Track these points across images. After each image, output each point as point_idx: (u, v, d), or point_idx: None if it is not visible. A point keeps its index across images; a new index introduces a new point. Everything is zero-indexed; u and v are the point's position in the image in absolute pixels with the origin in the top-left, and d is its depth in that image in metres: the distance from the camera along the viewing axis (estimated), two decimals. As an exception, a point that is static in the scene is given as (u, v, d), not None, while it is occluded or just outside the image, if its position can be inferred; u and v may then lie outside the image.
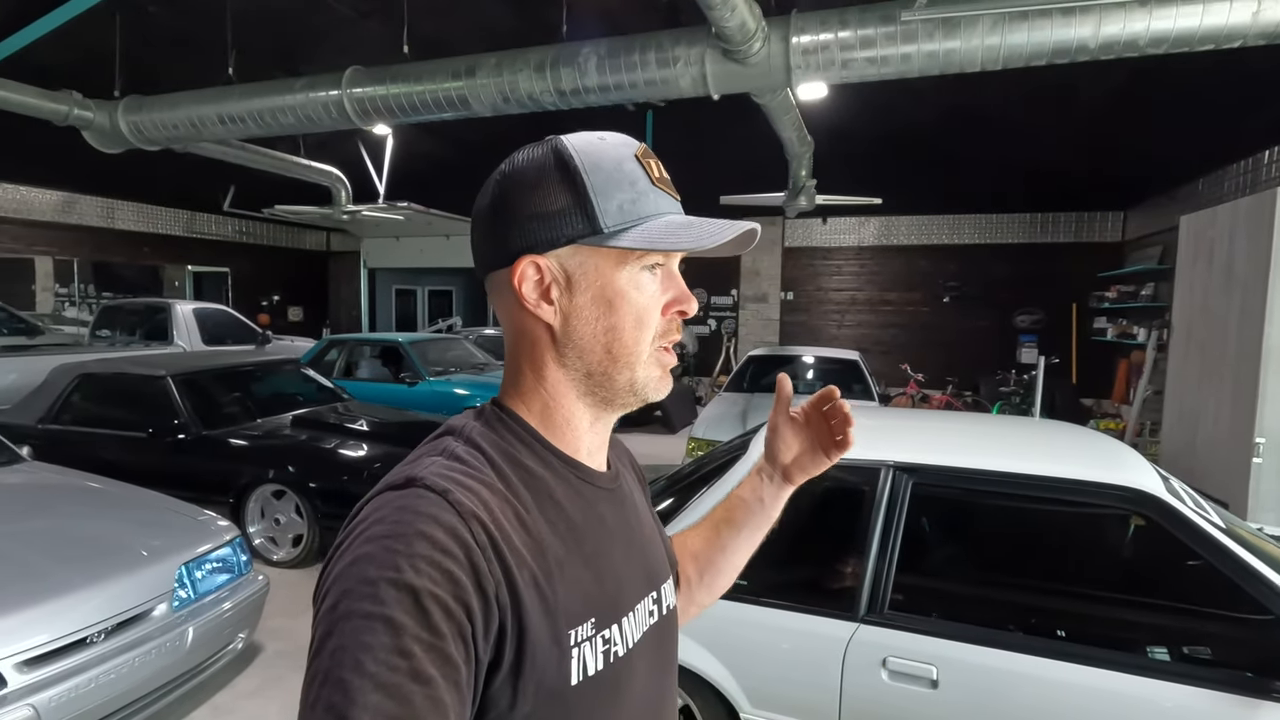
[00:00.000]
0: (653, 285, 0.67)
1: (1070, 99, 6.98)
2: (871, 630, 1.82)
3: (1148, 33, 3.55)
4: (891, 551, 1.87)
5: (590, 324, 0.66)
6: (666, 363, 0.69)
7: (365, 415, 5.08)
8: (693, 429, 5.38)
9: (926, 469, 1.94)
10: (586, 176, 0.64)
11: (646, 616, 0.71)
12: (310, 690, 0.50)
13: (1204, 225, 4.47)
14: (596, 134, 0.68)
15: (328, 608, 0.53)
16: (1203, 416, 4.31)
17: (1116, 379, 9.17)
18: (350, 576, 0.53)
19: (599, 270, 0.65)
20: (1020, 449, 2.06)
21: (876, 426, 2.36)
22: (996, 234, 10.15)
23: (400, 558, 0.52)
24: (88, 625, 2.26)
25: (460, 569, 0.54)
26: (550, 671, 0.58)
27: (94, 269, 10.53)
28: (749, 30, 3.85)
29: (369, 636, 0.50)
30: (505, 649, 0.56)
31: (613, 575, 0.68)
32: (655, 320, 0.67)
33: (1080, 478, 1.82)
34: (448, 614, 0.52)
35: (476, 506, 0.58)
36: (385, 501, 0.58)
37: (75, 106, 5.65)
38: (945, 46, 3.85)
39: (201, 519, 3.00)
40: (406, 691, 0.49)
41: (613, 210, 0.64)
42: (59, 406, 4.67)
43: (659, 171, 0.67)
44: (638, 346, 0.66)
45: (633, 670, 0.67)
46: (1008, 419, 2.72)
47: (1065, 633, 1.85)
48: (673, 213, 0.67)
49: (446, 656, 0.51)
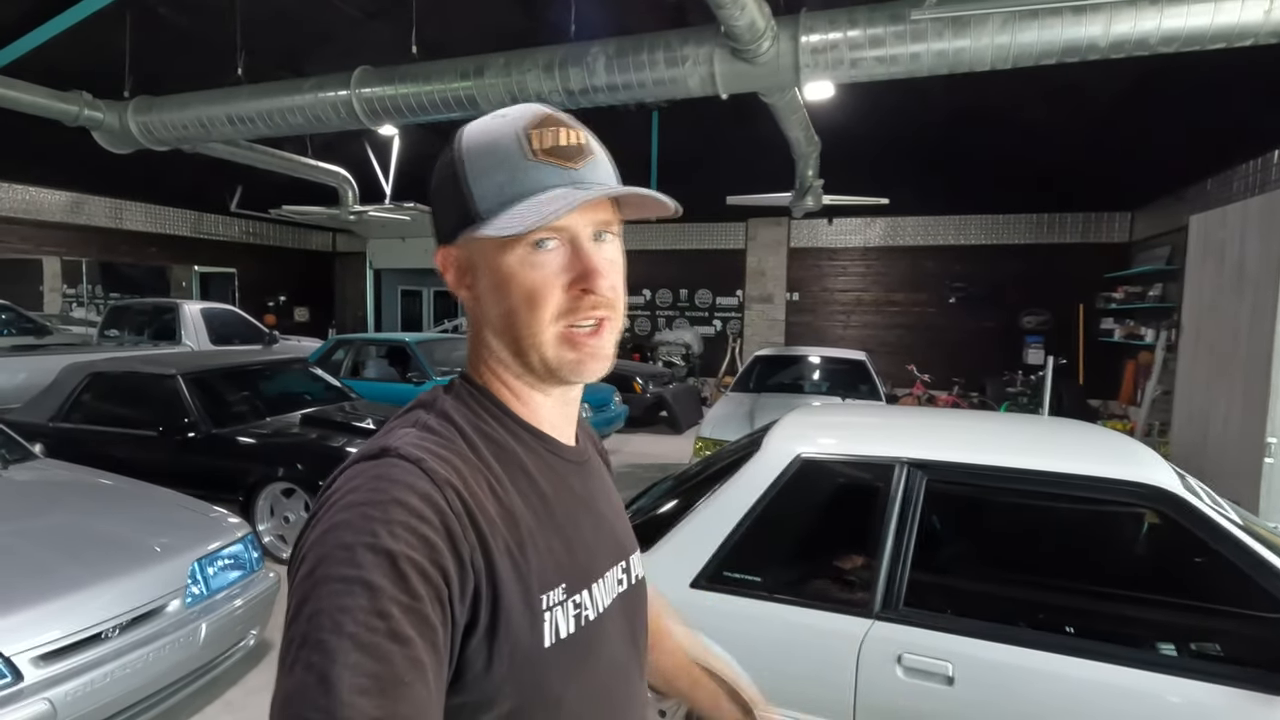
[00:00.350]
0: (553, 263, 0.64)
1: (1078, 98, 6.97)
2: (886, 627, 1.82)
3: (1159, 31, 3.55)
4: (906, 548, 1.87)
5: (494, 306, 0.66)
6: (584, 345, 0.65)
7: (373, 414, 5.09)
8: (699, 429, 5.37)
9: (940, 465, 1.94)
10: (464, 164, 0.64)
11: (615, 585, 0.73)
12: (289, 653, 0.50)
13: (1214, 225, 4.46)
14: (498, 112, 0.68)
15: (304, 574, 0.53)
16: (1213, 417, 4.30)
17: (1123, 380, 9.14)
18: (327, 543, 0.53)
19: (487, 255, 0.65)
20: (1034, 446, 2.06)
21: (889, 424, 2.36)
22: (1003, 234, 10.13)
23: (377, 524, 0.53)
24: (102, 620, 2.27)
25: (436, 534, 0.55)
26: (524, 634, 0.59)
27: (102, 269, 10.58)
28: (758, 29, 3.86)
29: (348, 599, 0.50)
30: (480, 612, 0.57)
31: (582, 543, 0.69)
32: (553, 299, 0.64)
33: (1097, 474, 1.82)
34: (424, 578, 0.53)
35: (450, 474, 0.59)
36: (360, 471, 0.59)
37: (85, 107, 5.68)
38: (955, 45, 3.85)
39: (213, 516, 3.01)
40: (386, 651, 0.49)
41: (490, 194, 0.63)
42: (70, 405, 4.69)
43: (550, 141, 0.64)
44: (534, 327, 0.64)
45: (605, 635, 0.69)
46: (1020, 416, 2.72)
47: (1080, 629, 1.84)
48: (550, 186, 0.63)
49: (424, 618, 0.52)
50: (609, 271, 0.66)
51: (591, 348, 0.66)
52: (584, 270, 0.64)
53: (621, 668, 0.73)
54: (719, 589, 1.99)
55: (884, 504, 1.92)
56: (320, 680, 0.48)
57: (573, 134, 0.66)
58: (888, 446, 2.01)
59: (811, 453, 2.04)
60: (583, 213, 0.64)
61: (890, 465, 1.96)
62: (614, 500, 0.81)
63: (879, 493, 1.96)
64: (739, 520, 2.01)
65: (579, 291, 0.64)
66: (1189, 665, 1.69)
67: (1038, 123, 7.64)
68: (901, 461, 1.96)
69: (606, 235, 0.67)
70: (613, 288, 0.66)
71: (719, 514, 2.04)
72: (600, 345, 0.66)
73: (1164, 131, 7.09)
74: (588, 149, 0.66)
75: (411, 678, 0.50)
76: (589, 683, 0.66)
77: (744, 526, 2.00)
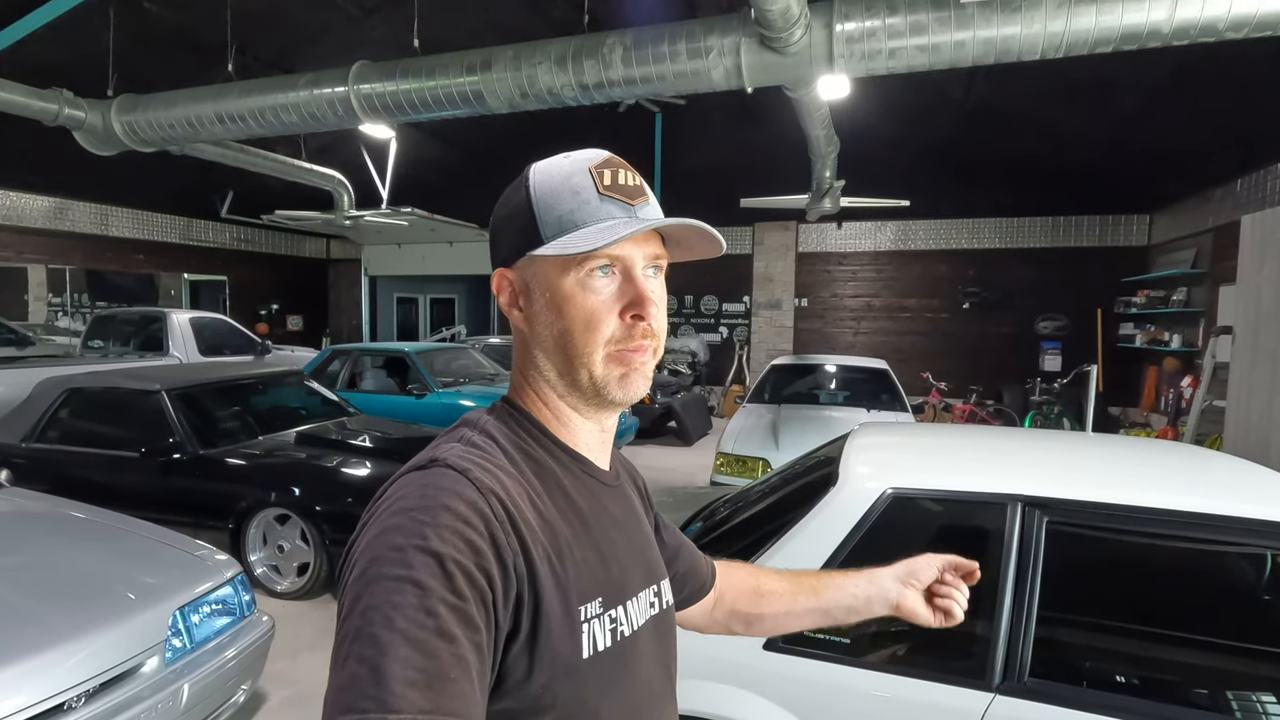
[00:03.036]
0: (608, 289, 0.68)
1: (1101, 96, 6.73)
2: (1011, 703, 1.51)
3: (1228, 15, 3.27)
4: (1029, 604, 1.56)
5: (547, 327, 0.70)
6: (631, 360, 0.69)
7: (374, 430, 4.76)
8: (720, 443, 5.06)
9: (1063, 504, 1.63)
10: (534, 193, 0.69)
11: (648, 606, 0.75)
12: (342, 648, 0.53)
13: (1272, 224, 4.19)
14: (565, 154, 0.72)
15: (357, 575, 0.56)
16: (1274, 430, 4.02)
17: (1144, 386, 8.90)
18: (379, 545, 0.56)
19: (547, 277, 0.69)
20: (1167, 478, 1.76)
21: (985, 449, 2.06)
22: (1017, 238, 9.88)
23: (426, 527, 0.56)
24: (66, 688, 1.94)
25: (481, 539, 0.58)
26: (564, 644, 0.62)
27: (88, 277, 10.20)
28: (792, 16, 3.57)
29: (398, 596, 0.53)
30: (522, 618, 0.60)
31: (617, 561, 0.71)
32: (609, 323, 0.68)
33: (1258, 517, 1.52)
34: (470, 580, 0.55)
35: (494, 484, 0.62)
36: (410, 480, 0.62)
37: (66, 105, 5.36)
38: (1004, 32, 3.57)
39: (199, 554, 2.68)
40: (433, 647, 0.52)
41: (552, 222, 0.68)
42: (44, 423, 4.34)
43: (612, 179, 0.69)
44: (588, 348, 0.68)
45: (639, 653, 0.71)
46: (1130, 440, 2.43)
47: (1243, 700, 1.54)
48: (613, 218, 0.67)
49: (469, 618, 0.54)
50: (658, 303, 0.71)
51: (637, 365, 0.70)
52: (637, 297, 0.69)
53: (654, 689, 0.74)
54: (800, 653, 1.68)
55: (998, 550, 1.62)
56: (372, 671, 0.50)
57: (633, 175, 0.71)
58: (996, 480, 1.71)
59: (906, 486, 1.73)
60: (638, 245, 0.69)
61: (1003, 503, 1.65)
62: (644, 526, 0.83)
63: (990, 536, 1.65)
64: (821, 567, 1.70)
65: (631, 319, 0.69)
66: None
67: (1056, 122, 7.41)
68: (1016, 498, 1.65)
69: (655, 270, 0.72)
70: (658, 319, 0.70)
71: (796, 558, 1.73)
72: (645, 363, 0.71)
73: (1189, 132, 6.86)
74: (644, 190, 0.71)
75: (457, 674, 0.52)
76: (625, 699, 0.68)
77: (826, 576, 1.69)
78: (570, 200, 0.67)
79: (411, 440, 4.64)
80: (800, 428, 5.05)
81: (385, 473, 3.91)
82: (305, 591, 3.83)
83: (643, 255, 0.70)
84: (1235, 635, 1.69)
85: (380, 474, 3.96)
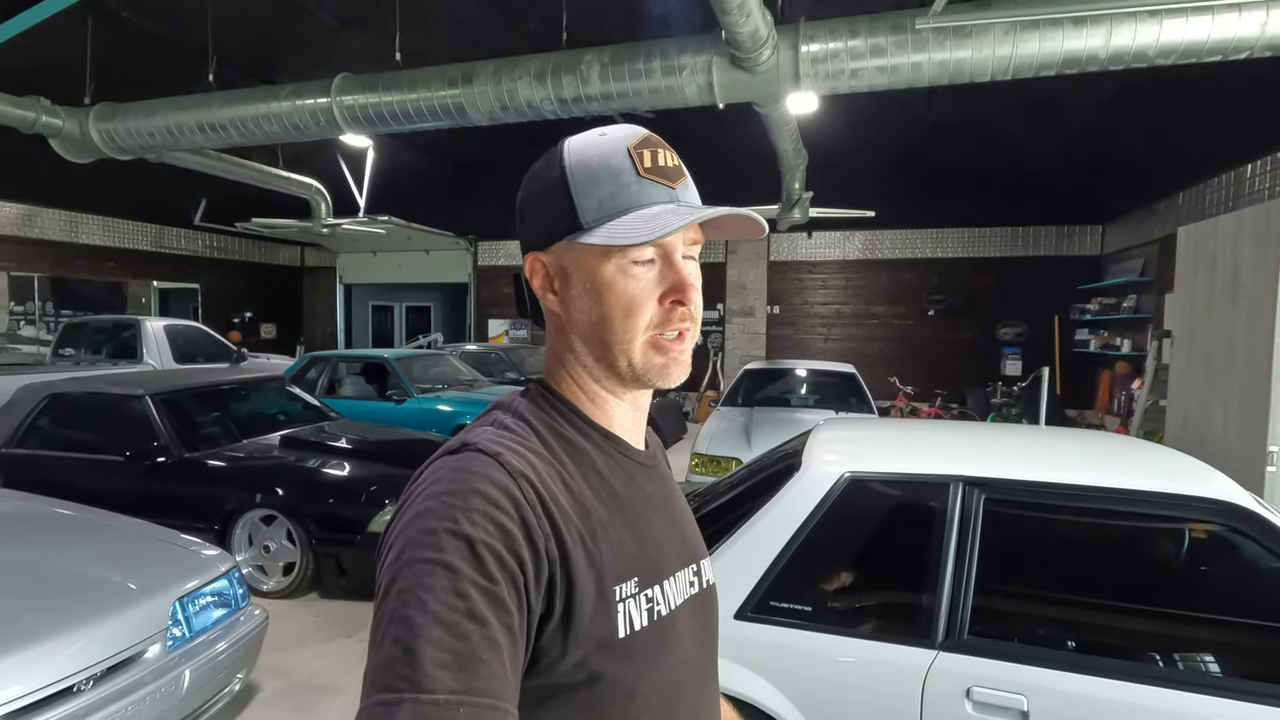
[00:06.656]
0: (648, 275, 0.68)
1: (1054, 114, 7.09)
2: (951, 658, 1.70)
3: (1157, 44, 3.57)
4: (968, 572, 1.75)
5: (585, 313, 0.69)
6: (671, 350, 0.69)
7: (356, 434, 4.84)
8: (695, 444, 5.24)
9: (999, 483, 1.84)
10: (571, 175, 0.67)
11: (687, 586, 0.74)
12: (378, 629, 0.54)
13: (1205, 235, 4.50)
14: (598, 130, 0.70)
15: (393, 558, 0.57)
16: (1209, 427, 4.32)
17: (1099, 389, 9.30)
18: (413, 528, 0.57)
19: (586, 264, 0.68)
20: (1093, 461, 1.97)
21: (935, 439, 2.26)
22: (978, 247, 10.28)
23: (458, 511, 0.57)
24: (74, 672, 2.03)
25: (512, 523, 0.58)
26: (599, 624, 0.62)
27: (53, 285, 10.06)
28: (760, 38, 3.79)
29: (430, 579, 0.54)
30: (555, 600, 0.60)
31: (653, 541, 0.71)
32: (649, 309, 0.68)
33: (1167, 490, 1.73)
34: (501, 563, 0.56)
35: (525, 468, 0.62)
36: (443, 464, 0.63)
37: (43, 113, 5.38)
38: (956, 56, 3.83)
39: (192, 548, 2.77)
40: (465, 629, 0.52)
41: (591, 206, 0.66)
42: (25, 429, 4.36)
43: (652, 161, 0.68)
44: (628, 335, 0.68)
45: (678, 631, 0.70)
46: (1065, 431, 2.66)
47: (1158, 656, 1.75)
48: (657, 203, 0.67)
49: (500, 601, 0.55)
50: (697, 286, 0.70)
51: (676, 353, 0.70)
52: (678, 283, 0.68)
53: (695, 668, 0.74)
54: (767, 620, 1.85)
55: (941, 524, 1.81)
56: (406, 652, 0.51)
57: (672, 156, 0.70)
58: (941, 463, 1.91)
59: (862, 470, 1.92)
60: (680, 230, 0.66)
61: (945, 484, 1.85)
62: (683, 505, 0.83)
63: (935, 513, 1.84)
64: (785, 545, 1.88)
65: (671, 304, 0.68)
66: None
67: (1014, 136, 7.77)
68: (958, 479, 1.85)
69: (693, 253, 0.71)
70: (697, 303, 0.70)
71: (763, 539, 1.90)
72: (683, 352, 0.70)
73: (1136, 147, 7.26)
74: (683, 171, 0.71)
75: (488, 656, 0.52)
76: (663, 677, 0.68)
77: (791, 552, 1.87)
78: (610, 183, 0.66)
79: (391, 443, 4.74)
80: (771, 429, 5.25)
81: (370, 474, 4.03)
82: (291, 590, 3.91)
83: (685, 240, 0.69)
84: (1152, 600, 1.90)
85: (362, 475, 4.06)
